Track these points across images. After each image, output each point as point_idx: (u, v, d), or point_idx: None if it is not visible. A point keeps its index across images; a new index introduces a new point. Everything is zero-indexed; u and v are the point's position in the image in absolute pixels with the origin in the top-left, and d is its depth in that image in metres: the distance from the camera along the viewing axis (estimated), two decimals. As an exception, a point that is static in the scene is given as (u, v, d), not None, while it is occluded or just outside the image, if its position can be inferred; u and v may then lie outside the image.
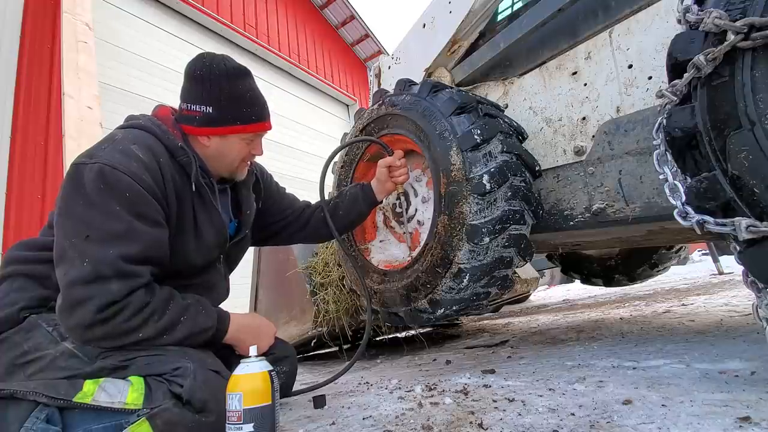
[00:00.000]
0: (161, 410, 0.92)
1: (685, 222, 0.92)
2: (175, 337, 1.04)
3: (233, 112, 1.18)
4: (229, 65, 1.20)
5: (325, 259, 2.45)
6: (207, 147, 1.22)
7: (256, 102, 1.23)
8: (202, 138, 1.20)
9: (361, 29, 9.85)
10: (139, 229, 1.01)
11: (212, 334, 1.13)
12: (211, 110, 1.16)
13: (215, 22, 6.68)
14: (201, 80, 1.16)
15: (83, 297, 0.94)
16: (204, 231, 1.21)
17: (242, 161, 1.28)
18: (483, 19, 1.87)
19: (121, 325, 0.97)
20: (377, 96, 1.86)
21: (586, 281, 3.04)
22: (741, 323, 1.86)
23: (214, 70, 1.17)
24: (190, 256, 1.18)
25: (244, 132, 1.22)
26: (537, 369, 1.49)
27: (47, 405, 0.88)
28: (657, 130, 0.99)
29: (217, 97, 1.16)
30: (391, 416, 1.10)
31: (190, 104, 1.18)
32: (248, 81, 1.22)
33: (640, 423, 0.85)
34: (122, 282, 0.97)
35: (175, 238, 1.13)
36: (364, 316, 2.33)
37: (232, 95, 1.18)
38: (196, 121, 1.18)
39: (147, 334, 1.00)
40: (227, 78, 1.17)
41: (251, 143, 1.26)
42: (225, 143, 1.21)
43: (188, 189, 1.16)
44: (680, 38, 0.93)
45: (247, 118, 1.20)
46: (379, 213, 1.97)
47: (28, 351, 0.99)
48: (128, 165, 1.02)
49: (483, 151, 1.40)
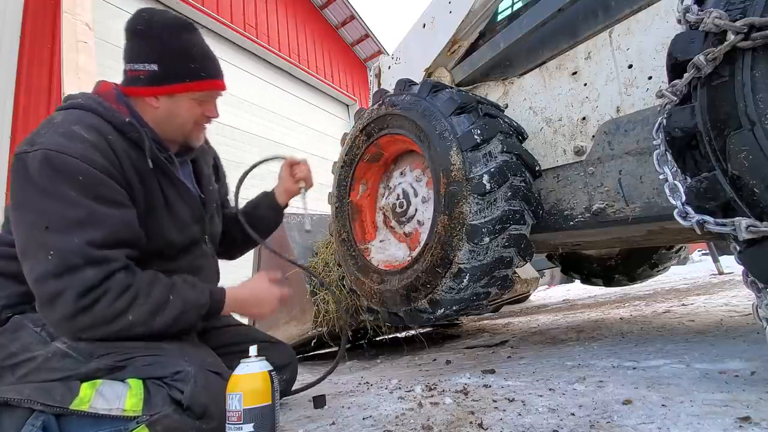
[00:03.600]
0: (161, 417, 0.90)
1: (685, 222, 0.92)
2: (168, 316, 1.00)
3: (180, 69, 1.09)
4: (171, 18, 1.11)
5: (325, 259, 2.45)
6: (156, 109, 1.12)
7: (204, 57, 1.13)
8: (149, 99, 1.10)
9: (361, 29, 9.85)
10: (101, 213, 0.95)
11: (207, 310, 1.08)
12: (156, 68, 1.07)
13: (215, 22, 6.68)
14: (142, 36, 1.08)
15: (58, 290, 0.90)
16: (176, 207, 1.15)
17: (196, 124, 1.18)
18: (483, 19, 1.87)
19: (106, 310, 0.93)
20: (377, 96, 1.86)
21: (586, 281, 3.04)
22: (741, 323, 1.86)
23: (155, 24, 1.08)
24: (168, 234, 1.13)
25: (194, 90, 1.12)
26: (537, 369, 1.49)
27: (43, 412, 0.85)
28: (657, 130, 0.99)
29: (160, 52, 1.07)
30: (391, 416, 1.10)
31: (133, 63, 1.08)
32: (194, 35, 1.13)
33: (640, 423, 0.85)
34: (96, 268, 0.92)
35: (147, 217, 1.07)
36: (364, 316, 2.33)
37: (178, 50, 1.08)
38: (140, 81, 1.08)
39: (137, 317, 0.96)
40: (169, 31, 1.08)
41: (204, 104, 1.16)
42: (174, 103, 1.12)
43: (147, 167, 1.08)
44: (680, 38, 0.93)
45: (196, 75, 1.11)
46: (379, 213, 1.97)
47: (16, 352, 0.94)
48: (73, 147, 0.95)
49: (483, 151, 1.40)
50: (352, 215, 1.92)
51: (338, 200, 1.95)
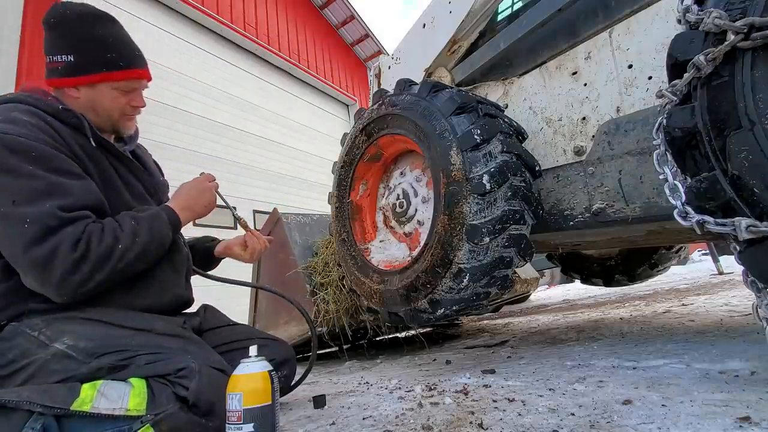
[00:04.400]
0: (166, 415, 0.88)
1: (685, 222, 0.92)
2: (144, 234, 1.05)
3: (96, 58, 1.09)
4: (86, 9, 1.11)
5: (325, 259, 2.45)
6: (77, 99, 1.12)
7: (122, 47, 1.13)
8: (69, 90, 1.11)
9: (361, 29, 9.86)
10: (62, 183, 0.97)
11: (166, 218, 1.12)
12: (71, 58, 1.08)
13: (215, 22, 6.69)
14: (56, 27, 1.09)
15: (48, 250, 0.91)
16: (131, 182, 1.18)
17: (121, 114, 1.17)
18: (483, 19, 1.87)
19: (99, 249, 0.96)
20: (377, 96, 1.86)
21: (586, 281, 3.04)
22: (741, 323, 1.86)
23: (69, 15, 1.09)
24: (131, 205, 1.14)
25: (113, 79, 1.11)
26: (537, 369, 1.49)
27: (42, 414, 0.81)
28: (657, 130, 0.99)
29: (75, 43, 1.08)
30: (391, 416, 1.10)
31: (51, 56, 1.09)
32: (111, 26, 1.13)
33: (640, 423, 0.85)
34: (73, 225, 0.95)
35: (107, 192, 1.09)
36: (364, 316, 2.33)
37: (93, 40, 1.09)
38: (58, 72, 1.09)
39: (126, 244, 1.00)
40: (83, 22, 1.09)
41: (128, 94, 1.16)
42: (95, 93, 1.12)
43: (92, 147, 1.09)
44: (680, 38, 0.93)
45: (113, 64, 1.10)
46: (379, 213, 1.97)
47: (14, 359, 0.93)
48: (19, 129, 0.96)
49: (483, 151, 1.40)
50: (352, 215, 1.92)
51: (338, 200, 1.95)
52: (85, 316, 1.00)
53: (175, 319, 1.19)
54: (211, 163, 6.29)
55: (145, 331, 1.04)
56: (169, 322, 1.14)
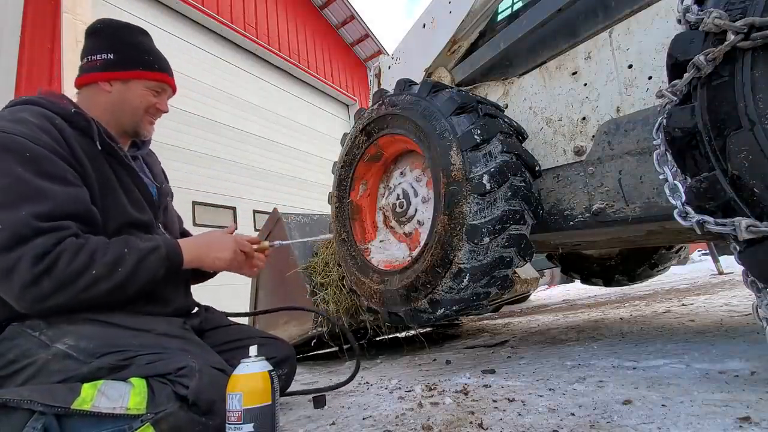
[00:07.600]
0: (166, 414, 0.88)
1: (685, 222, 0.92)
2: (129, 265, 1.01)
3: (134, 57, 1.19)
4: (127, 22, 1.24)
5: (325, 259, 2.45)
6: (109, 93, 1.18)
7: (158, 55, 1.25)
8: (103, 84, 1.17)
9: (361, 29, 9.86)
10: (46, 188, 0.96)
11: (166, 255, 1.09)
12: (111, 56, 1.17)
13: (215, 22, 6.68)
14: (100, 33, 1.19)
15: (12, 260, 0.89)
16: (130, 188, 1.18)
17: (146, 113, 1.24)
18: (483, 19, 1.87)
19: (66, 269, 0.93)
20: (377, 96, 1.86)
21: (586, 281, 3.04)
22: (741, 323, 1.86)
23: (112, 24, 1.21)
24: (128, 211, 1.15)
25: (147, 78, 1.21)
26: (537, 369, 1.49)
27: (43, 413, 0.81)
28: (657, 130, 0.99)
29: (117, 44, 1.18)
30: (391, 416, 1.10)
31: (90, 56, 1.18)
32: (149, 38, 1.26)
33: (640, 423, 0.85)
34: (46, 236, 0.93)
35: (107, 198, 1.10)
36: (364, 316, 2.33)
37: (133, 43, 1.20)
38: (96, 68, 1.17)
39: (100, 271, 0.97)
40: (126, 30, 1.21)
41: (156, 96, 1.25)
42: (126, 90, 1.19)
43: (97, 151, 1.11)
44: (680, 38, 0.93)
45: (150, 65, 1.21)
46: (379, 213, 1.97)
47: (15, 360, 0.93)
48: (20, 128, 0.98)
49: (483, 151, 1.40)
50: (352, 215, 1.92)
51: (338, 200, 1.95)
52: (86, 316, 1.00)
53: (175, 319, 1.19)
54: (211, 163, 6.29)
55: (145, 331, 1.04)
56: (170, 322, 1.14)
